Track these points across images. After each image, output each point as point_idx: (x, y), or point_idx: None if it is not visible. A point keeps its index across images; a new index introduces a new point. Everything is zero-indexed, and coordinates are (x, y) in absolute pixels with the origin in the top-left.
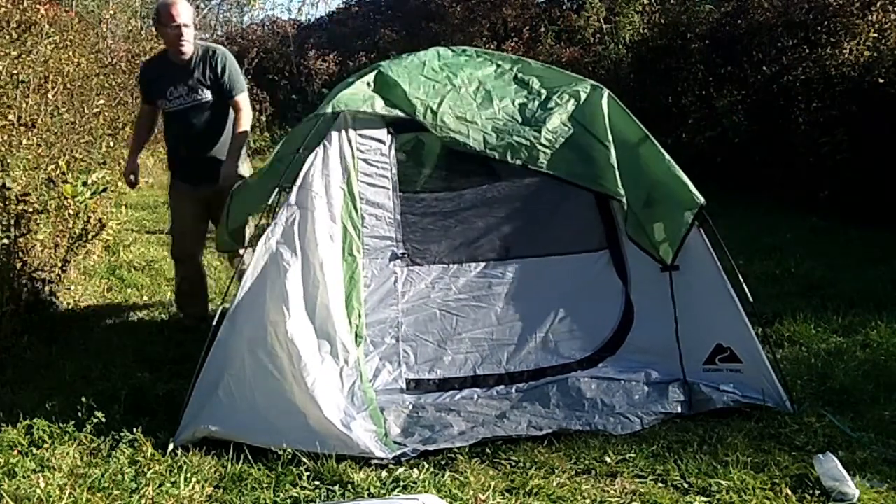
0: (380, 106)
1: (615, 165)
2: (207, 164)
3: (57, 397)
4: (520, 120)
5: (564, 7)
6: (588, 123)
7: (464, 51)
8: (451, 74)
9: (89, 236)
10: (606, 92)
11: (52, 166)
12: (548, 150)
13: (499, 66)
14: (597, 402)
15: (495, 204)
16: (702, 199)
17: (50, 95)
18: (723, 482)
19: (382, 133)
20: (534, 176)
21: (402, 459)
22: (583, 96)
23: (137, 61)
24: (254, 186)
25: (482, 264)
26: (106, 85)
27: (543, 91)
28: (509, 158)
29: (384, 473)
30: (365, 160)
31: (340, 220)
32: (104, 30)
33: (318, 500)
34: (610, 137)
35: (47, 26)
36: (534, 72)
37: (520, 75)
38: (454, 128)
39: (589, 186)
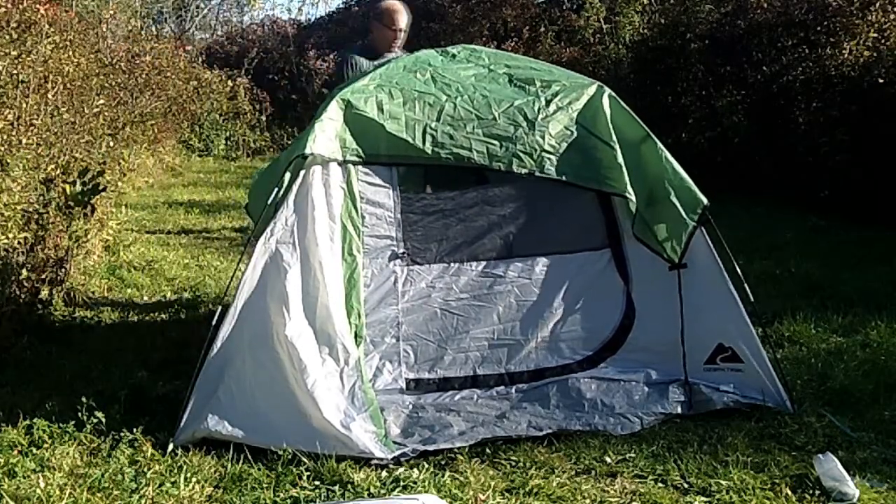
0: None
1: (623, 164)
2: None
3: (57, 397)
4: (522, 124)
5: (564, 7)
6: (590, 125)
7: (453, 55)
8: (445, 84)
9: (89, 236)
10: (607, 91)
11: (52, 166)
12: (553, 156)
13: (490, 70)
14: (597, 402)
15: (496, 202)
16: (705, 200)
17: (50, 95)
18: (723, 482)
19: None
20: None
21: (402, 459)
22: (584, 98)
23: (137, 61)
24: (263, 182)
25: (483, 263)
26: (106, 85)
27: (542, 93)
28: (515, 168)
29: (384, 473)
30: None
31: (340, 219)
32: (104, 30)
33: (318, 500)
34: (614, 137)
35: (47, 26)
36: (530, 73)
37: (515, 75)
38: (456, 143)
39: (598, 188)
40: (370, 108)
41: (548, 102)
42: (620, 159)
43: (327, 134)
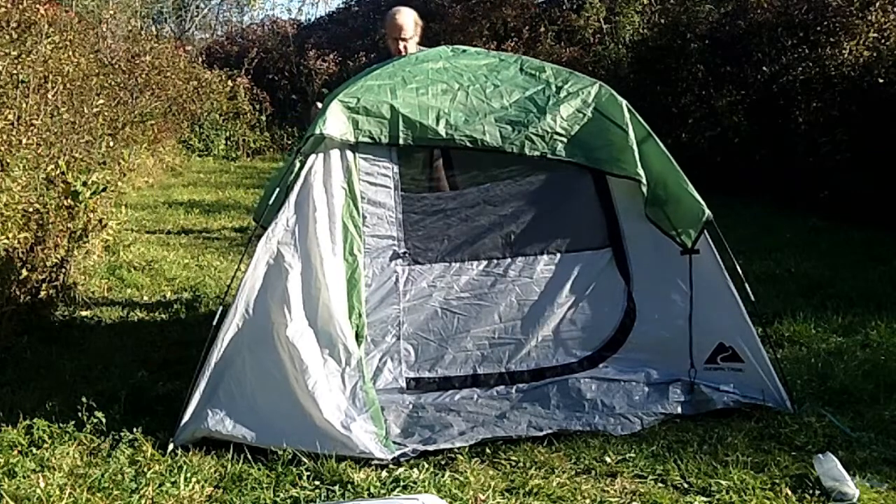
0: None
1: (634, 148)
2: None
3: (57, 397)
4: (533, 110)
5: (564, 7)
6: (603, 108)
7: (463, 50)
8: (457, 73)
9: (89, 236)
10: (611, 91)
11: (52, 166)
12: (564, 139)
13: (502, 59)
14: (597, 402)
15: (497, 202)
16: (709, 212)
17: (50, 95)
18: (723, 482)
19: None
20: (540, 172)
21: (402, 459)
22: (595, 87)
23: (137, 61)
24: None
25: (484, 262)
26: (106, 85)
27: (553, 80)
28: (527, 151)
29: (384, 473)
30: (365, 158)
31: (341, 219)
32: (104, 30)
33: (318, 500)
34: (627, 120)
35: (47, 26)
36: (540, 65)
37: (525, 67)
38: (469, 127)
39: (609, 171)
40: (383, 92)
41: (559, 89)
42: (633, 142)
43: (340, 117)
